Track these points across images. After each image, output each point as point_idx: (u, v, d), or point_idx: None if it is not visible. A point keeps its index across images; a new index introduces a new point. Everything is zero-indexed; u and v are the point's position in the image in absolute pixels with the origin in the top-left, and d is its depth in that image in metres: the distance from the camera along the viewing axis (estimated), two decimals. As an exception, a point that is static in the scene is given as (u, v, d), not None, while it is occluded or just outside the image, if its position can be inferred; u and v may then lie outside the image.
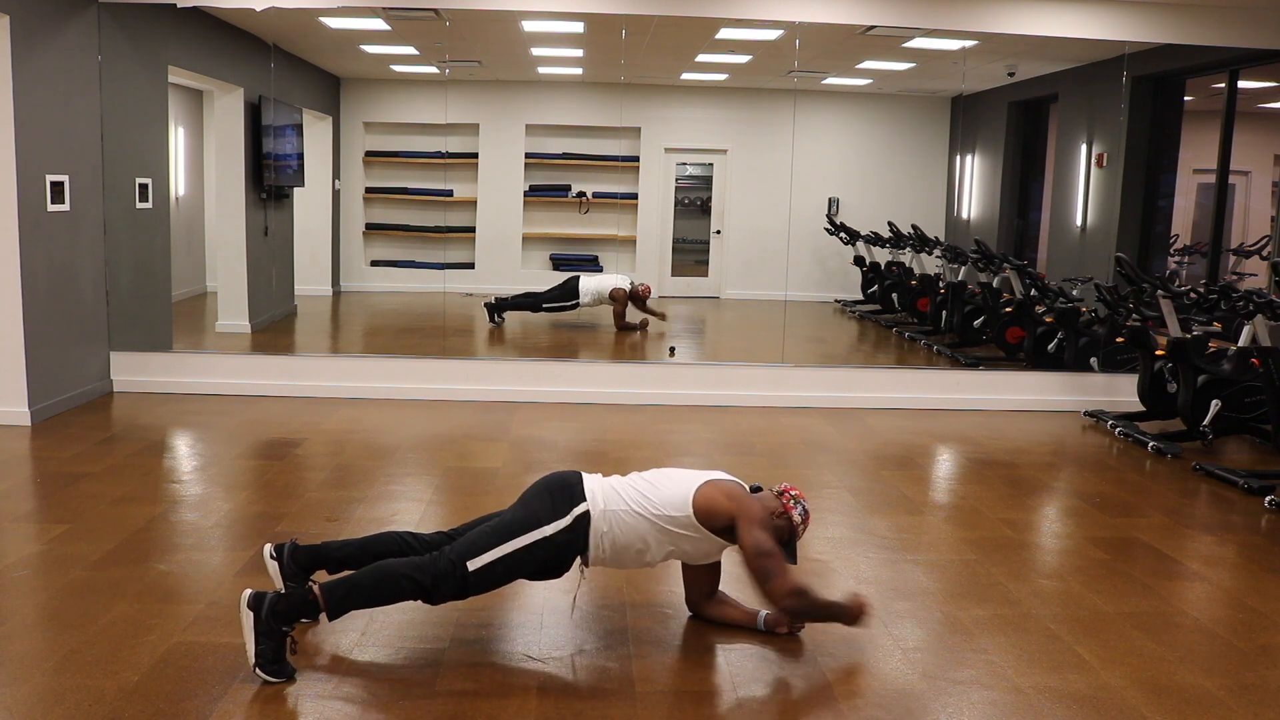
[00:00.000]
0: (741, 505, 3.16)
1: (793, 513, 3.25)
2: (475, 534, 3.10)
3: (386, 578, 3.01)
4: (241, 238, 8.31)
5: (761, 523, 3.16)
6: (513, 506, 3.21)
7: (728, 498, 3.16)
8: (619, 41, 7.64)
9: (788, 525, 3.26)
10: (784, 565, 3.15)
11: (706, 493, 3.16)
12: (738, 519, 3.14)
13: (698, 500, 3.15)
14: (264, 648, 2.90)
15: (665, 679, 3.04)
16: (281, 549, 3.29)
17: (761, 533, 3.13)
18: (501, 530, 3.08)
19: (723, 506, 3.15)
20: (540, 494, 3.17)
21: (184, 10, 6.83)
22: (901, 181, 10.22)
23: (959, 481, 5.51)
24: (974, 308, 8.38)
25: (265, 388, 6.71)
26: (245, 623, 2.91)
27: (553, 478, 3.24)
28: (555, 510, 3.11)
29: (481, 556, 3.03)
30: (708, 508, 3.14)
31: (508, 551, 3.05)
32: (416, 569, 3.02)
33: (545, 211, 10.49)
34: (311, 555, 3.28)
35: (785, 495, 3.28)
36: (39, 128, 5.77)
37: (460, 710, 2.81)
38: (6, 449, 5.28)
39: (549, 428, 6.13)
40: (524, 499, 3.20)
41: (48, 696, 2.81)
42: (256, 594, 2.93)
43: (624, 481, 3.25)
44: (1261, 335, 5.44)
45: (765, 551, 3.11)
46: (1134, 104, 7.75)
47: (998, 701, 2.96)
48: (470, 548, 3.05)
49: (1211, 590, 3.93)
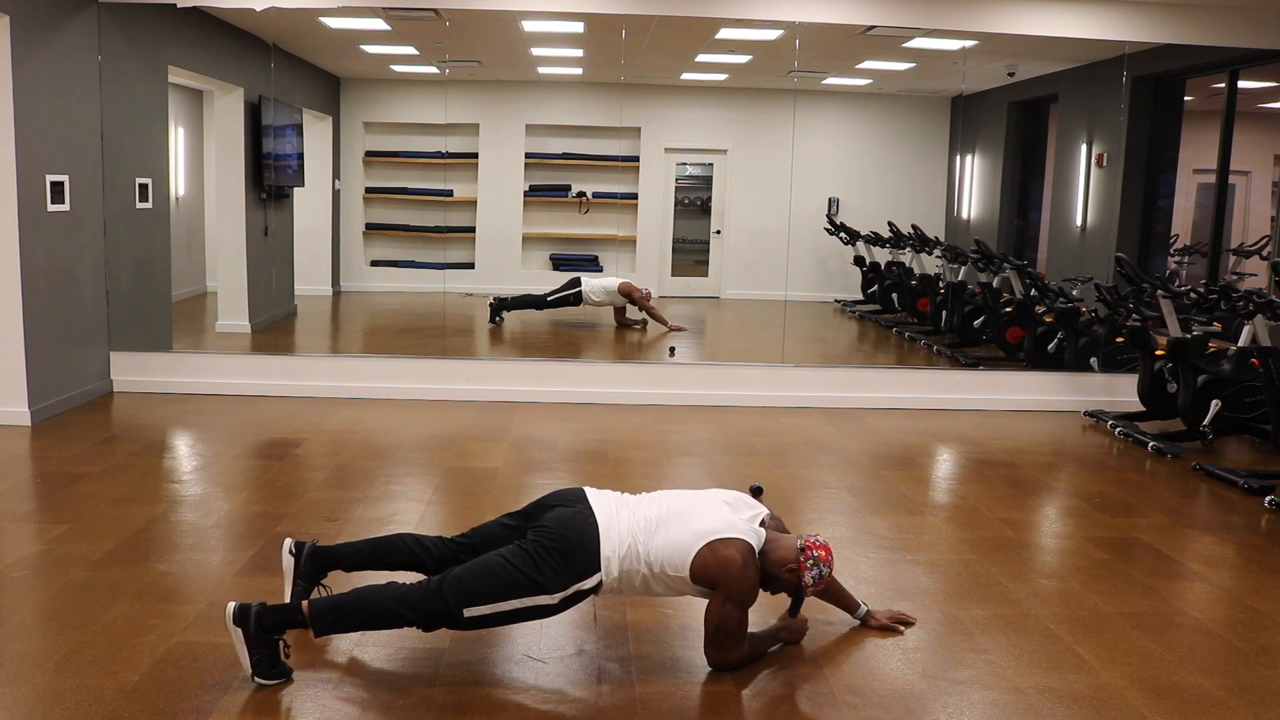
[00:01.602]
0: (729, 579, 2.99)
1: (805, 574, 3.07)
2: (478, 574, 2.92)
3: (377, 609, 2.94)
4: (241, 238, 8.30)
5: (740, 602, 3.01)
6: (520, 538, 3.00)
7: (720, 569, 2.99)
8: (619, 41, 7.64)
9: (794, 582, 3.09)
10: (738, 647, 3.04)
11: (704, 561, 2.99)
12: (719, 587, 3.01)
13: (695, 567, 3.00)
14: (258, 656, 2.88)
15: (665, 679, 3.04)
16: (302, 547, 3.26)
17: (735, 612, 3.00)
18: (505, 583, 2.90)
19: (713, 575, 3.00)
20: (551, 550, 2.93)
21: (184, 10, 6.83)
22: (901, 181, 10.22)
23: (959, 481, 5.51)
24: (974, 308, 8.38)
25: (265, 388, 6.71)
26: (234, 637, 2.88)
27: (569, 525, 2.99)
28: (564, 579, 2.93)
29: (480, 608, 2.91)
30: (702, 574, 3.01)
31: (507, 610, 2.92)
32: (409, 606, 2.91)
33: (545, 211, 10.49)
34: (328, 558, 3.26)
35: (806, 553, 3.07)
36: (39, 128, 5.77)
37: (460, 710, 2.81)
38: (6, 449, 5.28)
39: (549, 428, 6.13)
40: (535, 543, 2.95)
41: (48, 696, 2.81)
42: (240, 607, 2.87)
43: (636, 527, 3.04)
44: (1261, 335, 5.44)
45: (726, 630, 3.00)
46: (1134, 104, 7.75)
47: (998, 701, 2.95)
48: (470, 592, 2.90)
49: (1211, 590, 3.93)
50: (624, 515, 3.06)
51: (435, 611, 2.91)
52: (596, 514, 3.03)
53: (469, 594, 2.90)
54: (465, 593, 2.90)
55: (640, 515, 3.07)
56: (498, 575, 2.91)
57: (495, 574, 2.91)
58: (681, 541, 3.01)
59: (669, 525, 3.04)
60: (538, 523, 3.03)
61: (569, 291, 8.99)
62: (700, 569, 2.99)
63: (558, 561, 2.93)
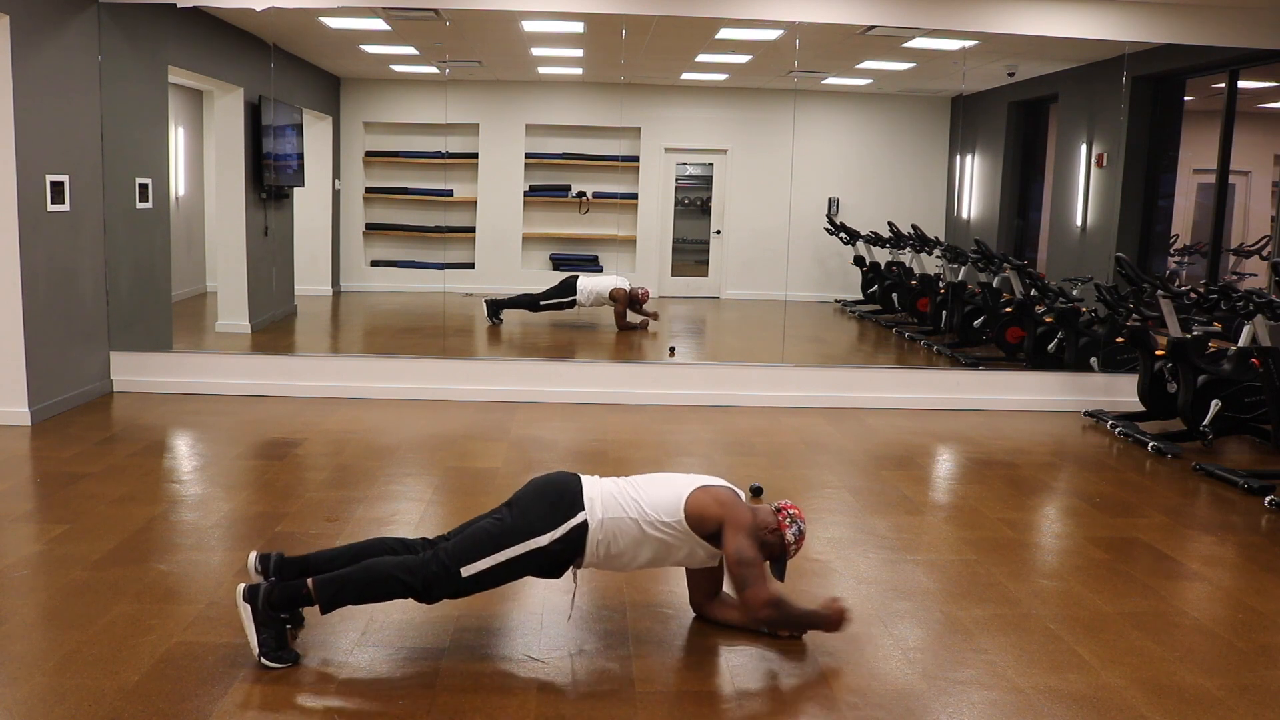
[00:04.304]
0: (730, 512, 3.14)
1: (786, 531, 3.21)
2: (470, 537, 3.07)
3: (378, 577, 3.02)
4: (241, 238, 8.30)
5: (748, 531, 3.14)
6: (508, 507, 3.16)
7: (718, 504, 3.15)
8: (619, 41, 7.64)
9: (779, 542, 3.22)
10: (763, 575, 3.14)
11: (698, 498, 3.15)
12: (724, 525, 3.12)
13: (689, 506, 3.14)
14: (265, 636, 2.96)
15: (665, 679, 3.04)
16: (268, 560, 3.14)
17: (746, 540, 3.12)
18: (497, 536, 3.05)
19: (712, 512, 3.13)
20: (536, 499, 3.13)
21: (184, 10, 6.83)
22: (901, 181, 10.22)
23: (959, 481, 5.51)
24: (974, 308, 8.38)
25: (265, 388, 6.71)
26: (244, 615, 2.97)
27: (550, 481, 3.21)
28: (552, 519, 3.08)
29: (476, 563, 3.02)
30: (699, 513, 3.13)
31: (502, 560, 3.04)
32: (408, 571, 3.01)
33: (545, 211, 10.49)
34: (300, 567, 3.15)
35: (782, 513, 3.24)
36: (39, 128, 5.77)
37: (460, 710, 2.81)
38: (6, 449, 5.28)
39: (549, 428, 6.13)
40: (520, 503, 3.15)
41: (48, 696, 2.81)
42: (250, 586, 2.99)
43: (620, 485, 3.23)
44: (1261, 335, 5.44)
45: (746, 560, 3.10)
46: (1134, 104, 7.75)
47: (998, 701, 2.96)
48: (464, 552, 3.03)
49: (1211, 590, 3.93)
50: (605, 480, 3.27)
51: (433, 574, 3.01)
52: (579, 474, 3.25)
53: (464, 553, 3.04)
54: (460, 553, 3.04)
55: (622, 477, 3.30)
56: (488, 532, 3.08)
57: (486, 531, 3.09)
58: (673, 486, 3.21)
59: (655, 482, 3.24)
60: (520, 491, 3.23)
61: (564, 298, 8.98)
62: (695, 508, 3.13)
63: (543, 507, 3.10)
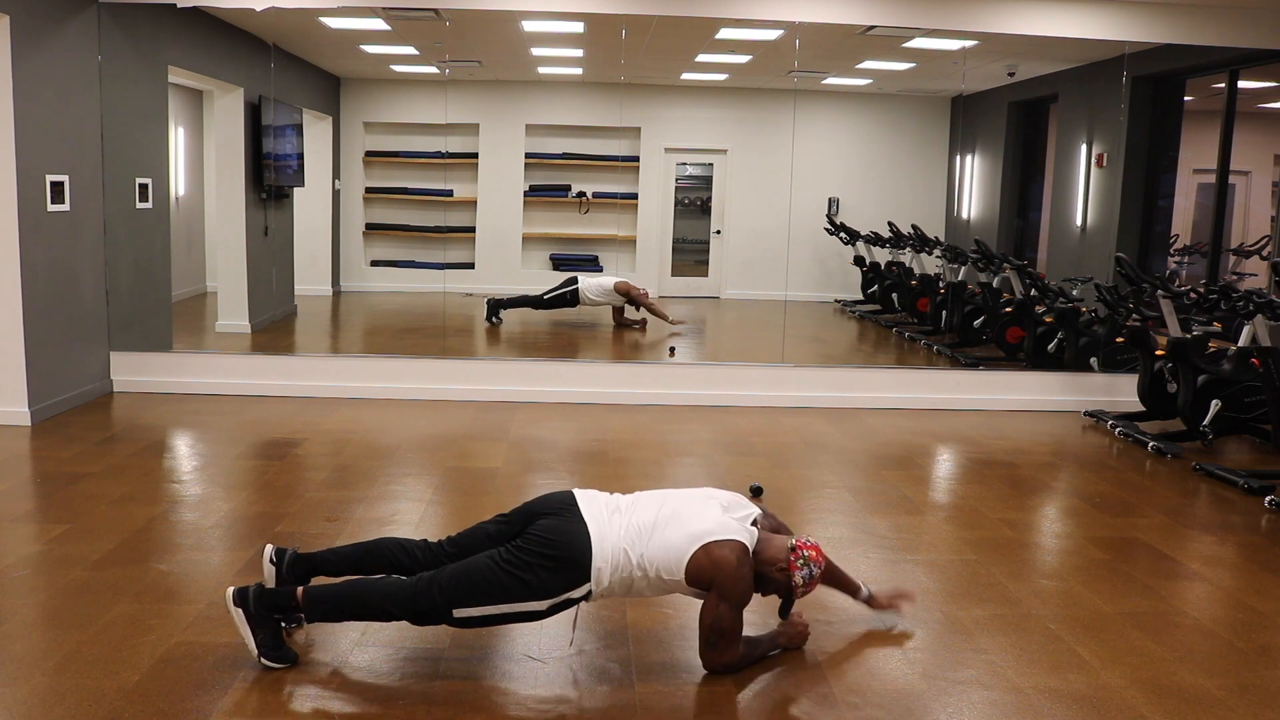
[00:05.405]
0: (723, 578, 2.98)
1: (795, 573, 3.07)
2: (467, 576, 2.93)
3: (369, 603, 2.97)
4: (241, 238, 8.31)
5: (734, 602, 3.00)
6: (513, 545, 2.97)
7: (715, 568, 2.98)
8: (619, 41, 7.64)
9: (785, 582, 3.09)
10: (732, 648, 3.03)
11: (699, 562, 2.99)
12: (714, 587, 2.99)
13: (690, 569, 2.99)
14: (262, 636, 2.96)
15: (665, 680, 3.04)
16: (283, 554, 3.21)
17: (729, 612, 2.99)
18: (495, 588, 2.91)
19: (708, 575, 2.99)
20: (542, 555, 2.93)
21: (184, 10, 6.83)
22: (901, 181, 10.22)
23: (959, 481, 5.51)
24: (974, 308, 8.38)
25: (265, 388, 6.71)
26: (237, 619, 2.96)
27: (560, 533, 2.96)
28: (554, 587, 2.93)
29: (469, 609, 2.93)
30: (697, 575, 3.01)
31: (496, 613, 2.94)
32: (398, 603, 2.93)
33: (545, 211, 10.49)
34: (310, 565, 3.20)
35: (796, 552, 3.07)
36: (39, 128, 5.77)
37: (459, 710, 2.81)
38: (6, 449, 5.28)
39: (549, 428, 6.13)
40: (526, 549, 2.94)
41: (48, 696, 2.81)
42: (239, 589, 2.97)
43: (629, 534, 3.01)
44: (1261, 335, 5.44)
45: (720, 629, 2.99)
46: (1134, 104, 7.75)
47: (998, 701, 2.96)
48: (459, 593, 2.91)
49: (1211, 590, 3.93)
50: (615, 522, 3.03)
51: (425, 610, 2.95)
52: (588, 523, 3.00)
53: (459, 595, 2.93)
54: (455, 594, 2.93)
55: (633, 522, 3.04)
56: (488, 579, 2.92)
57: (485, 578, 2.92)
58: (676, 545, 2.99)
59: (662, 529, 3.02)
60: (528, 530, 3.01)
61: (565, 290, 8.99)
62: (695, 571, 2.99)
63: (548, 573, 2.93)
